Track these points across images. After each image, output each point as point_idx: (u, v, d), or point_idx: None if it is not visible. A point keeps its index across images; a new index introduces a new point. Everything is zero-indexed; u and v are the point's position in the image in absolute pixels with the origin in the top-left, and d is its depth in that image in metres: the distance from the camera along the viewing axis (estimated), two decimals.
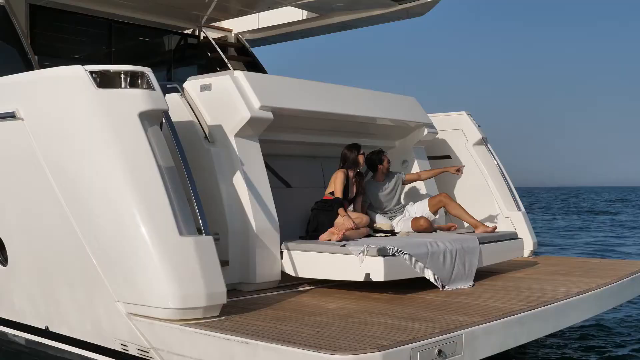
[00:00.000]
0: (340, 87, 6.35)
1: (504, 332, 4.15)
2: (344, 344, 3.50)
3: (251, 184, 5.31)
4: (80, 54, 7.99)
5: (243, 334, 3.75)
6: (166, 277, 4.10)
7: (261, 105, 5.34)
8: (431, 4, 7.92)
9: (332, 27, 8.92)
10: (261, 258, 5.25)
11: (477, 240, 5.73)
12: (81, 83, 4.55)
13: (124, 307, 4.31)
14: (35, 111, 4.83)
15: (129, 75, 4.60)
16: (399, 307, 4.60)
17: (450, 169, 6.81)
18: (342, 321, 4.13)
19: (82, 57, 8.04)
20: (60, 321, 4.85)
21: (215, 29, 9.36)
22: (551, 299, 4.74)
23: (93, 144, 4.44)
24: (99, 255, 4.38)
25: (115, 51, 8.27)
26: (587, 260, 7.47)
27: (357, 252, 4.91)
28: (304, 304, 4.75)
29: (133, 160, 4.33)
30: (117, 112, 4.45)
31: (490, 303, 4.69)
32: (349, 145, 6.14)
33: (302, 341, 3.57)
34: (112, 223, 4.31)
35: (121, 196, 4.27)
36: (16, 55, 6.73)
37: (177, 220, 4.22)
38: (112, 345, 4.48)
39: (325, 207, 5.77)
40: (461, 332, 3.81)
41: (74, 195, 4.52)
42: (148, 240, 4.15)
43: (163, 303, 4.11)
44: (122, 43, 8.43)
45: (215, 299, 4.20)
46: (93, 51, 8.22)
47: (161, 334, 4.13)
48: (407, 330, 3.83)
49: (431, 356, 3.60)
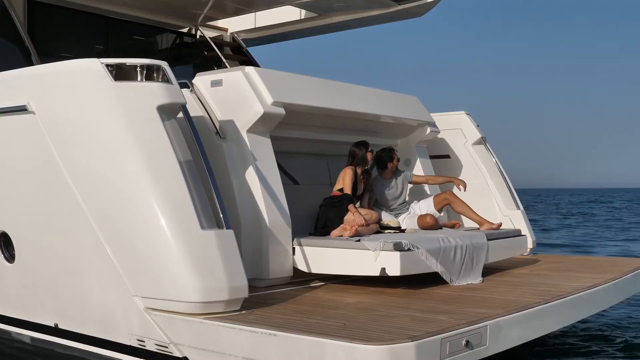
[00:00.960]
0: (347, 85, 6.37)
1: (525, 325, 4.20)
2: (375, 335, 3.51)
3: (264, 180, 5.30)
4: (77, 51, 7.91)
5: (271, 327, 3.74)
6: (188, 270, 4.08)
7: (274, 101, 5.34)
8: (431, 4, 7.97)
9: (330, 27, 8.91)
10: (274, 254, 5.24)
11: (485, 236, 5.78)
12: (97, 76, 4.51)
13: (142, 302, 4.27)
14: (47, 105, 4.77)
15: (145, 69, 4.57)
16: (417, 300, 4.63)
17: (455, 181, 6.75)
18: (365, 314, 4.14)
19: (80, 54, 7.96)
20: (71, 318, 4.79)
21: (211, 27, 9.32)
22: (564, 293, 4.81)
23: (110, 138, 4.40)
24: (116, 250, 4.34)
25: (112, 48, 8.20)
26: (588, 258, 7.59)
27: (373, 247, 4.93)
28: (322, 298, 4.75)
29: (153, 154, 4.30)
30: (135, 106, 4.42)
31: (505, 297, 4.74)
32: (357, 143, 6.16)
33: (332, 332, 3.58)
34: (131, 217, 4.27)
35: (141, 190, 4.23)
36: (16, 51, 6.66)
37: (199, 214, 4.20)
38: (128, 341, 4.44)
39: (334, 203, 5.78)
40: (486, 324, 3.85)
41: (89, 190, 4.48)
42: (169, 235, 4.12)
43: (185, 297, 4.08)
44: (119, 40, 8.36)
45: (237, 293, 4.18)
46: (90, 48, 8.14)
47: (182, 328, 4.10)
48: (433, 322, 3.85)
49: (459, 347, 3.63)
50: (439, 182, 6.89)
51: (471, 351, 3.70)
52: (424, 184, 6.92)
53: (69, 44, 7.95)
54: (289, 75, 5.79)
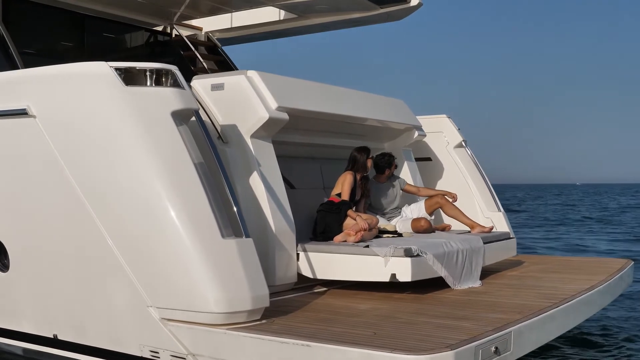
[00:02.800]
0: (345, 90, 6.38)
1: (541, 329, 4.30)
2: (411, 344, 3.53)
3: (268, 185, 5.25)
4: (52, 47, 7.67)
5: (300, 337, 3.71)
6: (210, 280, 4.01)
7: (278, 106, 5.29)
8: (412, 8, 8.04)
9: (310, 28, 8.88)
10: (279, 260, 5.20)
11: (482, 240, 5.88)
12: (107, 80, 4.38)
13: (158, 312, 4.18)
14: (50, 108, 4.61)
15: (154, 73, 4.47)
16: (429, 306, 4.67)
17: (448, 194, 6.73)
18: (388, 322, 4.16)
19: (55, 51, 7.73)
20: (73, 329, 4.64)
21: (185, 26, 9.17)
22: (568, 295, 4.94)
23: (123, 144, 4.28)
24: (130, 260, 4.23)
25: (88, 45, 8.00)
26: (569, 258, 7.81)
27: (383, 253, 4.95)
28: (335, 305, 4.75)
29: (169, 161, 4.21)
30: (149, 112, 4.32)
31: (512, 300, 4.83)
32: (359, 148, 6.15)
33: (367, 342, 3.58)
34: (147, 226, 4.17)
35: (158, 198, 4.14)
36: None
37: (218, 223, 4.14)
38: (139, 352, 4.33)
39: (333, 209, 5.78)
40: (510, 330, 3.92)
41: (98, 197, 4.35)
42: (189, 244, 4.05)
43: (206, 307, 4.01)
44: (95, 37, 8.15)
45: (260, 302, 4.14)
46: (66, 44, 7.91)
47: (202, 339, 4.03)
48: (458, 329, 3.90)
49: (489, 353, 3.69)
50: (430, 194, 6.77)
51: (498, 357, 3.77)
52: (414, 194, 6.87)
53: (44, 41, 7.69)
54: (290, 80, 5.75)
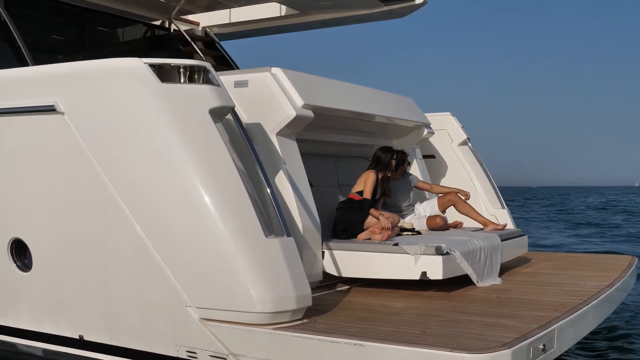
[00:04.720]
0: (363, 88, 6.37)
1: (577, 325, 4.37)
2: (466, 343, 3.55)
3: (294, 183, 5.22)
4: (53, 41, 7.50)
5: (351, 336, 3.70)
6: (255, 280, 3.97)
7: (304, 103, 5.26)
8: (417, 6, 8.06)
9: (311, 25, 8.82)
10: (306, 258, 5.17)
11: (499, 237, 5.95)
12: (142, 77, 4.30)
13: (197, 312, 4.13)
14: (80, 105, 4.51)
15: (188, 70, 4.41)
16: (464, 304, 4.70)
17: (460, 192, 6.79)
18: (431, 320, 4.18)
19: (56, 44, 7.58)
20: (101, 329, 4.56)
21: (183, 21, 9.06)
22: (594, 292, 5.03)
23: (161, 143, 4.20)
24: (168, 260, 4.17)
25: (88, 39, 7.85)
26: (574, 255, 7.94)
27: (413, 251, 4.96)
28: (369, 303, 4.74)
29: (209, 160, 4.15)
30: (186, 109, 4.25)
31: (544, 298, 4.89)
32: (383, 148, 6.16)
33: (420, 341, 3.59)
34: (187, 225, 4.11)
35: (198, 197, 4.08)
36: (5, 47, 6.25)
37: (261, 221, 4.10)
38: (175, 353, 4.28)
39: (355, 207, 5.77)
40: (554, 327, 3.97)
41: (134, 196, 4.27)
42: (233, 243, 4.00)
43: (250, 307, 3.97)
44: (95, 31, 8.01)
45: (304, 302, 4.12)
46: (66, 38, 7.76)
47: (245, 339, 3.99)
48: (503, 327, 3.93)
49: (538, 352, 3.73)
50: (442, 191, 6.85)
51: (544, 355, 3.81)
52: (427, 191, 6.95)
53: (43, 35, 7.53)
54: (311, 77, 5.72)
